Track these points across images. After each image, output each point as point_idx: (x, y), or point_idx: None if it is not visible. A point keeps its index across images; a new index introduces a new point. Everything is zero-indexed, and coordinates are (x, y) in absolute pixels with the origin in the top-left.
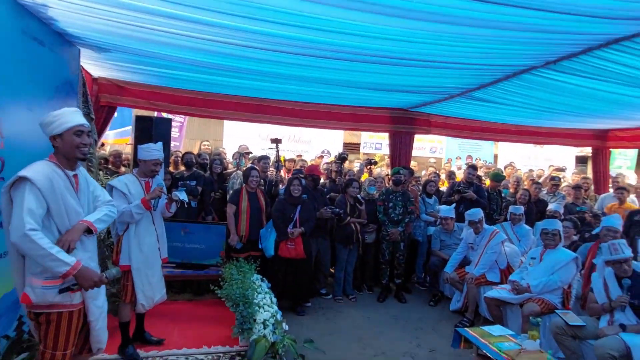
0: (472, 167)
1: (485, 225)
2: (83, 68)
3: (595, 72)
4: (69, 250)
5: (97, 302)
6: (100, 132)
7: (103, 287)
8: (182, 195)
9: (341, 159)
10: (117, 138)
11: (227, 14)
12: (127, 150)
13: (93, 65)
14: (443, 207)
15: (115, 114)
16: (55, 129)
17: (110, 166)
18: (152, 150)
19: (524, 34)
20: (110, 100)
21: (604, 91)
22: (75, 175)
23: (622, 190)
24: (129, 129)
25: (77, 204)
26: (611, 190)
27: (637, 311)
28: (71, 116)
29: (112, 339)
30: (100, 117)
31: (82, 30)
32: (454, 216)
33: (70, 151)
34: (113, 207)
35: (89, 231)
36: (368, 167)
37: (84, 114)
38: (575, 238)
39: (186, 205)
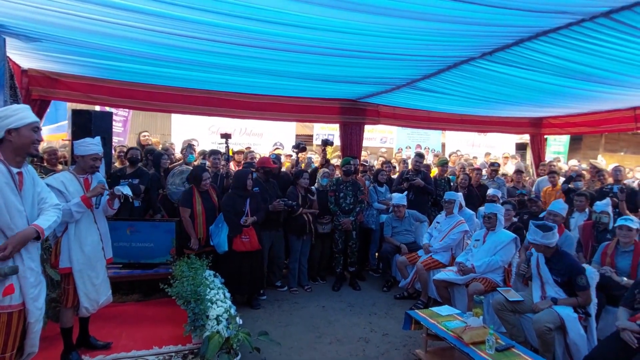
0: (419, 156)
1: (456, 212)
2: (10, 59)
3: (527, 62)
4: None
5: (38, 303)
6: None
7: (44, 287)
8: (126, 190)
9: (299, 148)
10: (53, 134)
11: (165, 2)
12: (63, 146)
13: (21, 56)
14: (396, 195)
15: (48, 109)
16: (13, 123)
17: (45, 164)
18: (90, 145)
19: (461, 27)
20: (42, 94)
21: (536, 81)
22: (19, 173)
23: (554, 174)
24: (65, 123)
25: (19, 202)
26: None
27: (562, 286)
28: (28, 112)
29: (54, 347)
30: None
31: (5, 17)
32: (405, 204)
33: (25, 146)
34: (60, 211)
35: (36, 237)
36: (324, 148)
37: None
38: (515, 219)
39: (131, 200)
